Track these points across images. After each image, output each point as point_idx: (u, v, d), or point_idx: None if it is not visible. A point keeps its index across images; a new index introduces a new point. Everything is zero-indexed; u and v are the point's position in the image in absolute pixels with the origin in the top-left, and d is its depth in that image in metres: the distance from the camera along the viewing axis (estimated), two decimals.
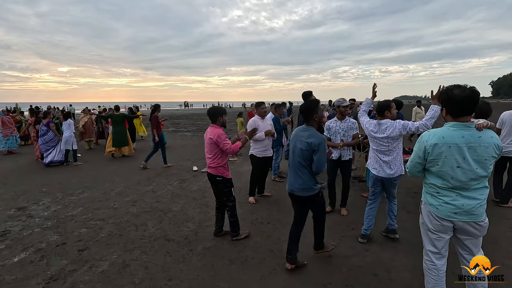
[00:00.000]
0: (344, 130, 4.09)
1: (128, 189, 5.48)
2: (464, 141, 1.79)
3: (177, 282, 2.65)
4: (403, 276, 2.67)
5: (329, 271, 2.78)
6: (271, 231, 3.64)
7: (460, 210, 1.85)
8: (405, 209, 4.25)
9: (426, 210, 2.00)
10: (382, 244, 3.26)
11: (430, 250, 2.03)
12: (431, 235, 1.99)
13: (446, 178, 1.85)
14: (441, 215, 1.90)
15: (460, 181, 1.82)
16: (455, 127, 1.83)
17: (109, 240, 3.46)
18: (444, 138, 1.83)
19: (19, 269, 2.88)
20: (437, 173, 1.89)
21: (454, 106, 1.82)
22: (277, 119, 5.52)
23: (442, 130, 1.86)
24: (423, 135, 1.95)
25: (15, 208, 4.56)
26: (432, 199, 1.95)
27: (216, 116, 3.30)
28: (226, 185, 3.33)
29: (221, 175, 3.29)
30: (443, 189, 1.89)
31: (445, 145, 1.81)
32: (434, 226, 1.95)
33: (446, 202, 1.88)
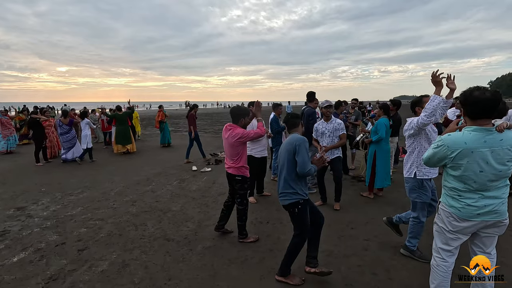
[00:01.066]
0: (330, 131, 4.24)
1: (127, 189, 5.47)
2: (486, 146, 1.77)
3: (176, 282, 2.65)
4: (402, 276, 2.68)
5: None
6: (270, 230, 3.64)
7: (483, 211, 1.84)
8: (404, 208, 4.25)
9: (446, 212, 1.97)
10: (381, 243, 3.26)
11: (442, 248, 2.03)
12: (448, 235, 1.98)
13: (468, 182, 1.84)
14: (463, 216, 1.88)
15: (483, 184, 1.82)
16: (477, 131, 1.80)
17: (108, 239, 3.46)
18: (466, 143, 1.80)
19: (19, 269, 2.88)
20: (459, 178, 1.87)
21: (473, 108, 1.80)
22: (276, 119, 5.53)
23: (464, 136, 1.83)
24: (444, 139, 1.88)
25: (14, 208, 4.56)
26: (454, 201, 1.92)
27: (240, 117, 3.22)
28: (243, 186, 3.27)
29: (242, 174, 3.24)
30: (465, 191, 1.87)
31: (468, 151, 1.79)
32: (453, 227, 1.94)
33: (468, 205, 1.86)
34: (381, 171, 4.55)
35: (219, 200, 4.78)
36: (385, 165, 4.56)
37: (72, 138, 7.91)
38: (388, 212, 4.12)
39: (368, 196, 4.74)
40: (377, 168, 4.56)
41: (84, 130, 8.09)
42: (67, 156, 7.90)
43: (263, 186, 4.93)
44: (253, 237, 3.41)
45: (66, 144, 7.89)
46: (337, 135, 4.23)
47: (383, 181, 4.58)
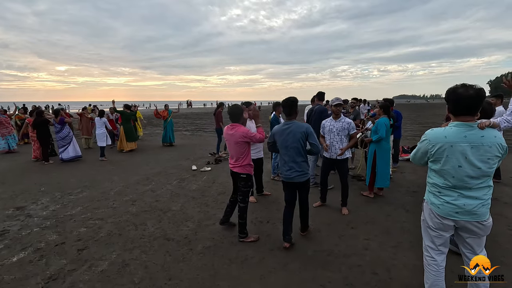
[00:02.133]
0: (339, 129, 4.13)
1: (127, 188, 5.46)
2: (466, 141, 1.79)
3: (177, 282, 2.64)
4: (403, 275, 2.68)
5: (329, 270, 2.78)
6: (270, 230, 3.64)
7: (461, 209, 1.85)
8: (404, 208, 4.27)
9: (427, 208, 2.02)
10: (382, 243, 3.26)
11: (429, 246, 2.06)
12: (431, 232, 2.01)
13: (447, 177, 1.86)
14: (442, 214, 1.91)
15: (461, 180, 1.82)
16: (458, 126, 1.83)
17: (108, 239, 3.45)
18: (446, 137, 1.83)
19: (18, 268, 2.87)
20: (439, 172, 1.90)
21: (456, 104, 1.82)
22: (276, 119, 5.52)
23: (445, 130, 1.87)
24: (426, 133, 1.95)
25: (14, 207, 4.54)
26: (434, 198, 1.96)
27: (239, 116, 3.29)
28: (247, 183, 3.31)
29: (247, 173, 3.29)
30: (444, 188, 1.90)
31: (447, 145, 1.82)
32: (434, 224, 1.97)
33: (447, 202, 1.89)
34: (381, 170, 4.55)
35: (219, 199, 4.77)
36: (386, 165, 4.56)
37: (65, 137, 7.93)
38: (387, 212, 4.13)
39: (368, 195, 4.74)
40: (378, 167, 4.56)
41: (101, 128, 8.28)
42: (62, 156, 7.91)
43: (262, 185, 4.93)
44: (253, 237, 3.41)
45: (60, 142, 7.94)
46: (345, 134, 4.13)
47: (384, 180, 4.58)
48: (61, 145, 7.94)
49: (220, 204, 4.57)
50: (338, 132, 4.13)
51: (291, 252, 3.10)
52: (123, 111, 9.34)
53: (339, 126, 4.14)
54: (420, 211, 2.14)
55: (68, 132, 8.00)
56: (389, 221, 3.84)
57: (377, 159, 4.56)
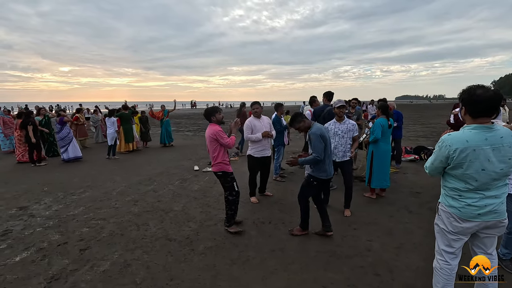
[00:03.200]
0: (344, 131, 4.10)
1: (129, 188, 5.48)
2: (488, 143, 1.76)
3: (178, 282, 2.64)
4: (406, 276, 2.66)
5: (331, 271, 2.77)
6: (272, 231, 3.63)
7: (483, 210, 1.83)
8: (407, 209, 4.24)
9: (446, 212, 1.95)
10: (384, 244, 3.24)
11: (444, 250, 2.00)
12: (449, 236, 1.96)
13: (469, 181, 1.82)
14: (464, 216, 1.86)
15: (484, 183, 1.80)
16: (477, 129, 1.79)
17: (110, 239, 3.46)
18: (468, 142, 1.78)
19: (21, 268, 2.89)
20: (460, 177, 1.85)
21: (476, 106, 1.78)
22: (278, 119, 5.51)
23: (465, 134, 1.81)
24: (445, 139, 1.87)
25: (17, 207, 4.57)
26: (454, 201, 1.90)
27: (210, 116, 3.56)
28: (226, 179, 3.52)
29: (221, 170, 3.49)
30: (465, 191, 1.85)
31: (470, 149, 1.77)
32: (454, 227, 1.92)
33: (469, 204, 1.85)
34: (377, 171, 4.52)
35: (221, 200, 4.77)
36: (383, 166, 4.52)
37: (65, 137, 7.94)
38: (390, 212, 4.10)
39: (370, 196, 4.71)
40: (374, 168, 4.53)
41: (111, 128, 8.41)
42: (64, 156, 7.95)
43: (265, 186, 4.91)
44: (235, 229, 3.57)
45: (60, 143, 7.99)
46: (350, 136, 4.10)
47: (381, 181, 4.55)
48: (61, 145, 7.98)
49: (222, 204, 4.56)
50: (343, 135, 4.08)
51: (293, 253, 3.09)
52: (121, 113, 9.32)
53: (344, 128, 4.11)
54: (424, 212, 2.12)
55: (68, 132, 8.01)
56: (391, 222, 3.81)
57: (373, 159, 4.54)
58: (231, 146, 3.52)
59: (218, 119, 3.56)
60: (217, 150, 3.47)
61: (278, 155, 5.76)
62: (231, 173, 3.57)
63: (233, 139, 3.52)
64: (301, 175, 6.09)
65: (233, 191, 3.54)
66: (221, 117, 3.59)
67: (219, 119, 3.57)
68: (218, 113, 3.57)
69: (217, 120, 3.56)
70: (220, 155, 3.48)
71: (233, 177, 3.58)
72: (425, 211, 4.10)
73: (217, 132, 3.41)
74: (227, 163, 3.54)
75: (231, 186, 3.54)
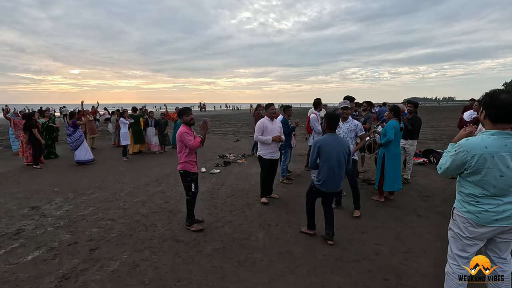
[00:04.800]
0: (345, 131, 4.22)
1: (137, 189, 5.54)
2: (507, 150, 1.73)
3: (186, 283, 2.66)
4: (415, 282, 2.62)
5: (339, 274, 2.75)
6: (279, 233, 3.63)
7: (501, 216, 1.80)
8: (415, 213, 4.19)
9: (461, 217, 1.93)
10: (393, 248, 3.21)
11: (458, 255, 1.98)
12: (465, 241, 1.94)
13: (487, 187, 1.80)
14: (481, 222, 1.84)
15: (502, 189, 1.78)
16: (497, 135, 1.76)
17: (119, 240, 3.51)
18: (486, 148, 1.75)
19: (33, 267, 2.95)
20: (477, 183, 1.83)
21: (499, 111, 1.74)
22: (285, 121, 5.51)
23: (483, 140, 1.78)
24: (462, 144, 1.84)
25: (29, 207, 4.67)
26: (471, 207, 1.88)
27: (180, 117, 3.72)
28: (186, 179, 3.63)
29: (184, 169, 3.61)
30: (483, 197, 1.83)
31: (488, 155, 1.75)
32: (470, 233, 1.90)
33: (486, 210, 1.82)
34: (389, 174, 4.48)
35: (228, 201, 4.79)
36: (394, 169, 4.48)
37: (76, 140, 7.91)
38: (398, 216, 4.06)
39: (378, 199, 4.67)
40: (386, 171, 4.50)
41: (124, 128, 8.64)
42: (77, 159, 7.90)
43: (272, 188, 4.91)
44: (196, 227, 3.69)
45: (72, 145, 7.96)
46: (352, 136, 4.19)
47: (393, 184, 4.51)
48: (73, 147, 7.94)
49: (229, 206, 4.58)
50: (344, 134, 4.18)
51: (300, 256, 3.08)
52: (131, 114, 9.48)
53: (346, 128, 4.20)
54: (433, 217, 2.10)
55: (80, 135, 8.02)
56: (400, 226, 3.77)
57: (385, 162, 4.50)
58: (194, 148, 3.58)
59: (186, 120, 3.63)
60: (183, 150, 3.59)
61: (285, 157, 5.76)
62: (193, 174, 3.65)
63: (197, 141, 3.55)
64: (307, 178, 6.07)
65: (190, 191, 3.66)
66: (188, 119, 3.63)
67: (186, 120, 3.63)
68: (186, 115, 3.65)
69: (185, 122, 3.64)
70: (184, 155, 3.59)
71: (195, 178, 3.66)
72: (434, 215, 4.04)
73: (181, 133, 3.52)
74: (191, 163, 3.64)
75: (189, 186, 3.64)
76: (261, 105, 9.18)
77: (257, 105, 9.56)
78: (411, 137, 5.65)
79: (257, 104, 9.58)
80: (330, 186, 3.22)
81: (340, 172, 3.20)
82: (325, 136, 3.27)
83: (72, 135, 7.93)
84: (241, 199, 4.89)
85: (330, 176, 3.17)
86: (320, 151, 3.17)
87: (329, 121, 3.25)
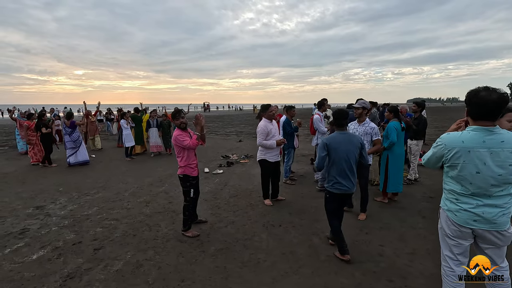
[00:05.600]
0: (361, 134, 4.11)
1: (140, 190, 5.56)
2: (485, 146, 1.72)
3: (189, 283, 2.66)
4: (420, 283, 2.60)
5: (343, 275, 2.74)
6: (283, 234, 3.62)
7: (480, 218, 1.78)
8: (420, 214, 4.16)
9: (444, 215, 1.95)
10: (397, 249, 3.19)
11: (447, 255, 1.99)
12: (449, 241, 1.95)
13: (465, 183, 1.80)
14: (459, 222, 1.84)
15: (480, 187, 1.76)
16: (476, 131, 1.76)
17: (123, 240, 3.52)
18: (463, 142, 1.77)
19: (38, 266, 2.97)
20: (456, 178, 1.84)
21: (477, 108, 1.75)
22: (288, 122, 5.51)
23: (462, 135, 1.80)
24: (442, 137, 1.89)
25: (34, 206, 4.70)
26: (451, 204, 1.90)
27: (174, 118, 3.58)
28: (185, 184, 3.56)
29: (183, 173, 3.53)
30: (462, 195, 1.83)
31: (464, 150, 1.76)
32: (452, 231, 1.91)
33: (465, 210, 1.82)
34: (393, 175, 4.45)
35: (231, 202, 4.79)
36: (397, 169, 4.45)
37: (76, 140, 7.88)
38: (402, 217, 4.03)
39: (382, 201, 4.65)
40: (389, 172, 4.47)
41: (126, 129, 8.64)
42: (70, 160, 7.79)
43: (278, 190, 4.82)
44: (192, 233, 3.59)
45: (70, 147, 7.85)
46: (367, 139, 4.08)
47: (396, 185, 4.48)
48: (70, 148, 7.83)
49: (232, 207, 4.58)
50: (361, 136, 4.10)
51: (303, 257, 3.07)
52: (134, 115, 9.49)
53: (362, 130, 4.11)
54: (437, 218, 2.08)
55: (78, 136, 7.99)
56: (404, 227, 3.75)
57: (388, 164, 4.47)
58: (192, 147, 3.45)
59: (176, 124, 3.53)
60: (181, 153, 3.49)
61: (289, 158, 5.74)
62: (193, 178, 3.56)
63: (193, 138, 3.44)
64: (311, 178, 6.06)
65: (188, 196, 3.56)
66: (179, 123, 3.50)
67: (177, 124, 3.52)
68: (176, 119, 3.54)
69: (177, 124, 3.53)
70: (184, 159, 3.49)
71: (194, 183, 3.56)
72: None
73: (175, 137, 3.42)
74: (191, 167, 3.54)
75: (188, 191, 3.56)
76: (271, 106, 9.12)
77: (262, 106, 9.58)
78: (416, 137, 5.63)
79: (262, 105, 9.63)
80: (341, 188, 2.93)
81: (352, 173, 2.95)
82: (335, 134, 3.04)
83: (70, 135, 7.85)
84: (244, 200, 4.89)
85: (341, 177, 2.93)
86: (329, 151, 2.93)
87: (335, 117, 3.06)
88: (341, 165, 2.91)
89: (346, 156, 2.91)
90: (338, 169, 2.93)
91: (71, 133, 7.89)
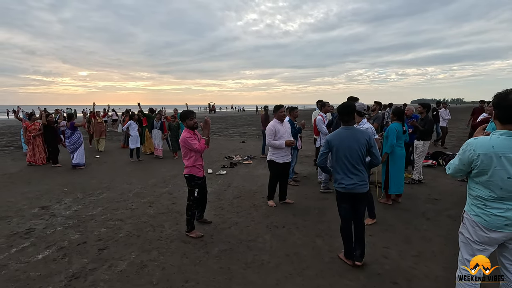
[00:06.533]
0: None
1: (144, 190, 5.59)
2: None
3: (193, 284, 2.67)
4: (425, 286, 2.58)
5: (347, 278, 2.72)
6: (286, 235, 3.61)
7: (511, 221, 1.76)
8: (424, 216, 4.13)
9: (471, 221, 1.90)
10: (402, 252, 3.17)
11: (468, 260, 1.94)
12: (475, 246, 1.90)
13: (494, 189, 1.76)
14: (490, 227, 1.81)
15: (509, 192, 1.74)
16: (506, 135, 1.73)
17: (127, 240, 3.54)
18: (494, 148, 1.72)
19: (43, 266, 2.99)
20: (484, 184, 1.80)
21: (506, 111, 1.72)
22: (291, 123, 5.50)
23: (492, 139, 1.76)
24: (470, 143, 1.82)
25: (39, 206, 4.74)
26: (479, 210, 1.85)
27: (183, 121, 3.59)
28: (190, 183, 3.57)
29: (189, 173, 3.53)
30: (490, 201, 1.80)
31: (495, 155, 1.72)
32: (479, 237, 1.86)
33: (495, 215, 1.79)
34: (394, 176, 4.42)
35: (235, 203, 4.79)
36: (398, 170, 4.43)
37: (75, 142, 7.78)
38: (407, 219, 4.01)
39: (386, 202, 4.62)
40: (390, 173, 4.44)
41: (133, 131, 8.66)
42: (73, 161, 7.77)
43: (286, 193, 4.76)
44: (196, 234, 3.58)
45: (70, 148, 7.83)
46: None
47: (398, 187, 4.45)
48: (70, 150, 7.80)
49: (236, 207, 4.59)
50: None
51: (308, 258, 3.06)
52: (148, 114, 9.63)
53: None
54: (442, 220, 2.07)
55: (79, 137, 7.88)
56: (409, 229, 3.72)
57: (389, 165, 4.45)
58: (201, 151, 3.48)
59: (189, 125, 3.52)
60: (188, 155, 3.49)
61: (292, 159, 5.73)
62: (199, 178, 3.57)
63: (202, 143, 3.47)
64: (314, 180, 6.04)
65: (191, 196, 3.56)
66: (191, 123, 3.52)
67: (190, 125, 3.52)
68: (189, 119, 3.53)
69: (188, 126, 3.53)
70: (191, 160, 3.50)
71: (200, 183, 3.57)
72: (444, 219, 3.97)
73: (184, 139, 3.42)
74: (198, 167, 3.55)
75: (192, 190, 3.56)
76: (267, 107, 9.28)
77: (264, 106, 9.58)
78: (423, 138, 5.62)
79: (264, 106, 9.61)
80: (346, 186, 2.79)
81: (356, 171, 2.77)
82: (339, 129, 2.89)
83: (70, 137, 7.79)
84: (248, 201, 4.89)
85: (344, 175, 2.81)
86: (331, 148, 2.84)
87: (338, 113, 2.93)
88: (342, 162, 2.78)
89: (348, 153, 2.75)
90: (340, 167, 2.82)
91: (70, 134, 7.82)
